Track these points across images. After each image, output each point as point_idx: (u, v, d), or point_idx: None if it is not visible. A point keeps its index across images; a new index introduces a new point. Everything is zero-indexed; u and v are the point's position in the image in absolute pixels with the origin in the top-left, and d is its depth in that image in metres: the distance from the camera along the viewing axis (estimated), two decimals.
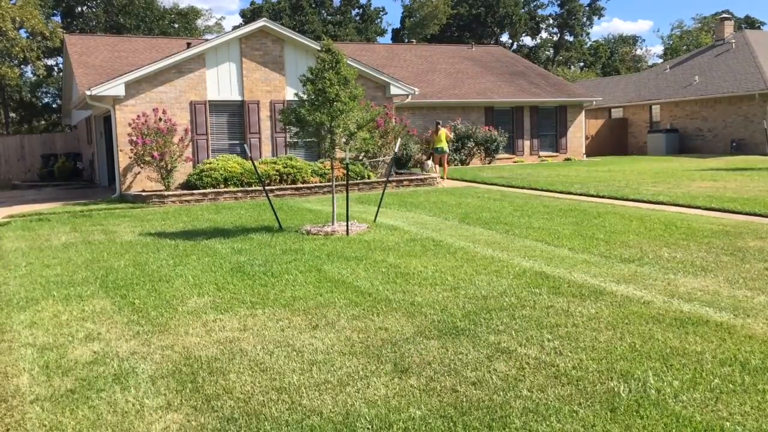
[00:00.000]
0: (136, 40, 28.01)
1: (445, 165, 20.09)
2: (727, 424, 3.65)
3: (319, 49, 10.69)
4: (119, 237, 10.72)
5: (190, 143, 17.46)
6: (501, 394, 4.11)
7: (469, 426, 3.71)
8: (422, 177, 18.57)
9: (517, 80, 28.91)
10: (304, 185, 16.88)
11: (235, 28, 38.38)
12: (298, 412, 3.97)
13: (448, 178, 19.72)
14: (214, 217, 12.99)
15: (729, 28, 34.08)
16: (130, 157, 16.63)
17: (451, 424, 3.74)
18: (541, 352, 4.80)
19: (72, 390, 4.40)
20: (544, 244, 8.81)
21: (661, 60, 61.89)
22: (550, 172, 20.25)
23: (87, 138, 25.25)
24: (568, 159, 27.74)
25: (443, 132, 20.07)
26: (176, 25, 50.38)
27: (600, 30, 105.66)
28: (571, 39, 66.50)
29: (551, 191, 15.40)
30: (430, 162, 19.05)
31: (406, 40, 57.09)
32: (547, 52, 66.80)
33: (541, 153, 27.66)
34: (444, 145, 19.96)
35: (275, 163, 17.18)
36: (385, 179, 14.32)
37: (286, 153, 18.27)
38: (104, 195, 17.99)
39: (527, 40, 66.99)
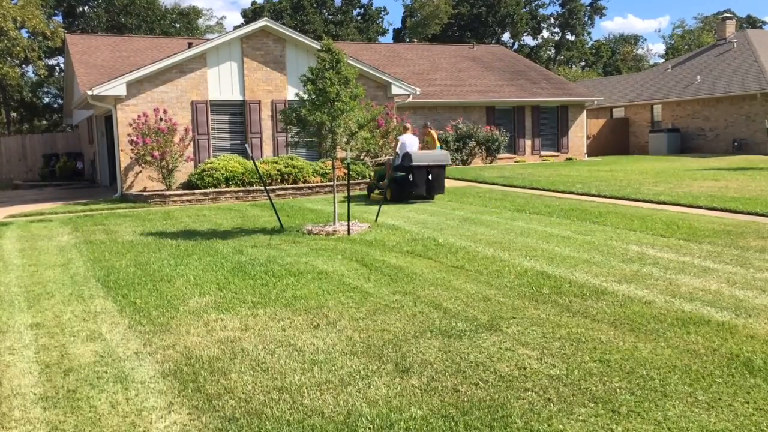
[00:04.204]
0: (137, 39, 28.03)
1: None
2: (730, 425, 3.64)
3: (320, 48, 10.69)
4: (120, 237, 10.73)
5: (191, 143, 17.48)
6: (502, 394, 4.11)
7: (470, 426, 3.71)
8: None
9: (518, 80, 28.89)
10: (306, 185, 16.88)
11: (236, 27, 38.39)
12: (299, 411, 3.97)
13: (447, 178, 19.72)
14: (215, 216, 13.00)
15: (731, 28, 34.04)
16: (131, 157, 16.65)
17: (453, 423, 3.74)
18: (543, 352, 4.80)
19: (73, 390, 4.40)
20: (545, 244, 8.80)
21: (663, 59, 61.86)
22: (552, 172, 20.24)
23: (88, 138, 25.27)
24: (569, 159, 27.72)
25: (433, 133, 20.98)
26: (177, 25, 50.43)
27: (614, 26, 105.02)
28: (572, 38, 66.47)
29: (553, 191, 15.39)
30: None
31: (408, 40, 57.09)
32: (548, 52, 66.79)
33: (543, 153, 27.65)
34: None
35: (276, 162, 17.18)
36: (386, 179, 14.31)
37: (287, 153, 18.27)
38: (105, 195, 18.00)
39: (528, 40, 67.05)
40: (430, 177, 13.96)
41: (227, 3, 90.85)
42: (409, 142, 14.51)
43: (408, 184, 13.82)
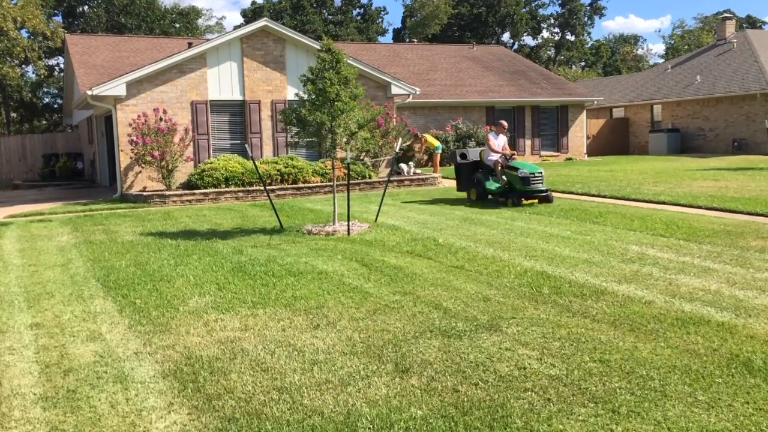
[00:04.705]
0: (137, 39, 28.03)
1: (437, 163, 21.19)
2: (730, 425, 3.64)
3: (320, 48, 10.69)
4: (120, 237, 10.73)
5: (191, 143, 17.47)
6: (502, 394, 4.11)
7: (470, 426, 3.71)
8: (423, 177, 18.58)
9: (518, 80, 28.89)
10: (305, 185, 16.88)
11: (236, 27, 38.40)
12: (299, 411, 3.97)
13: (447, 178, 19.73)
14: (215, 216, 13.00)
15: (730, 28, 34.05)
16: (131, 157, 16.65)
17: (453, 423, 3.74)
18: (543, 352, 4.80)
19: (73, 390, 4.40)
20: (545, 244, 8.80)
21: (663, 59, 61.86)
22: (552, 172, 20.24)
23: (88, 138, 25.27)
24: (569, 159, 27.72)
25: (428, 136, 21.34)
26: (177, 25, 50.42)
27: (616, 26, 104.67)
28: (572, 38, 66.47)
29: (553, 191, 15.38)
30: (404, 166, 19.24)
31: (408, 40, 57.10)
32: (548, 52, 66.79)
33: (543, 153, 27.65)
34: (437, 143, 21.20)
35: (276, 162, 17.18)
36: (386, 179, 14.31)
37: (287, 153, 18.27)
38: (105, 195, 18.00)
39: (528, 40, 67.05)
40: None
41: (228, 3, 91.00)
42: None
43: None
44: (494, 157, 13.40)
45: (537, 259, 7.91)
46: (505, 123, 14.24)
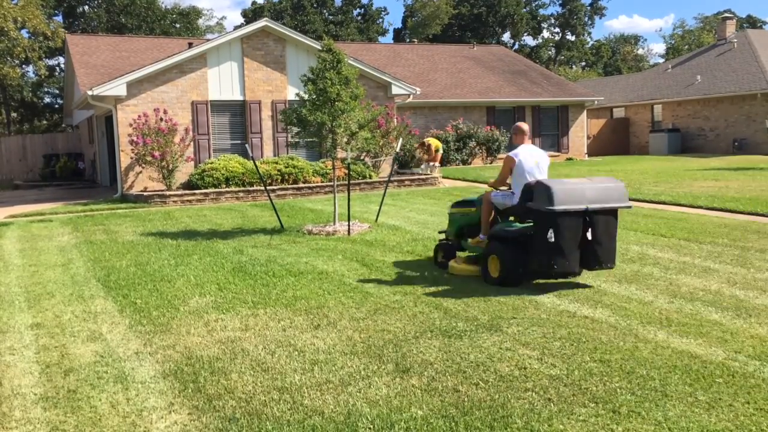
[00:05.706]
0: (137, 40, 28.03)
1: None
2: (730, 425, 3.64)
3: (321, 48, 10.69)
4: (121, 237, 10.73)
5: (192, 143, 17.47)
6: (502, 394, 4.11)
7: (470, 426, 3.71)
8: (424, 177, 18.57)
9: (518, 80, 28.89)
10: (306, 185, 16.88)
11: (236, 27, 38.41)
12: (299, 411, 3.97)
13: (448, 178, 19.73)
14: (215, 217, 13.00)
15: (731, 28, 34.05)
16: (131, 157, 16.65)
17: (453, 423, 3.74)
18: (543, 352, 4.80)
19: (74, 390, 4.40)
20: None
21: (663, 59, 61.84)
22: (552, 172, 20.10)
23: (89, 138, 25.28)
24: (569, 159, 27.71)
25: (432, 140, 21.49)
26: (178, 25, 50.42)
27: (620, 26, 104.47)
28: (572, 38, 66.47)
29: None
30: (427, 165, 19.54)
31: (408, 40, 57.09)
32: (548, 52, 66.77)
33: None
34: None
35: (277, 162, 17.18)
36: (386, 179, 14.32)
37: (287, 153, 18.27)
38: (106, 195, 17.99)
39: (529, 40, 67.04)
40: (590, 234, 6.43)
41: (229, 3, 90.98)
42: (529, 156, 7.42)
43: (540, 248, 6.39)
44: None
45: None
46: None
